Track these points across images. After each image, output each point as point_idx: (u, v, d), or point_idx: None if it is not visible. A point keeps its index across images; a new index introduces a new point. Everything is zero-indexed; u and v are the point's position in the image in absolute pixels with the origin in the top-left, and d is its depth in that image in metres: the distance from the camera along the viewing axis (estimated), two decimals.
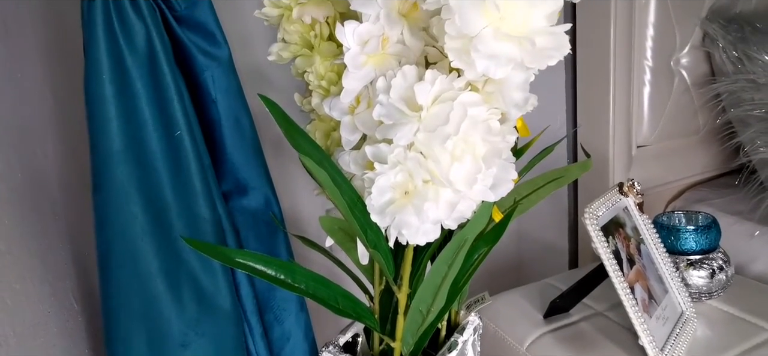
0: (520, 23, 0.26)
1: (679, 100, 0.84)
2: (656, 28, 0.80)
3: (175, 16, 0.41)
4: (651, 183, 0.87)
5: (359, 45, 0.36)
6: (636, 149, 0.86)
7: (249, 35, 0.54)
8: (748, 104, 0.75)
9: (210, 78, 0.42)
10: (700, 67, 0.84)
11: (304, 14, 0.41)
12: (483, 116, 0.30)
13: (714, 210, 0.83)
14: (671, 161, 0.88)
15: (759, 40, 0.75)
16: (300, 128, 0.35)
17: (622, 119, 0.83)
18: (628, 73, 0.81)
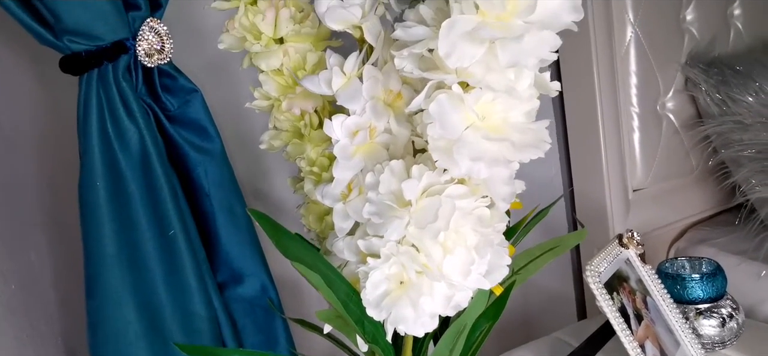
0: (500, 122, 0.26)
1: (669, 142, 0.85)
2: (638, 75, 0.82)
3: (167, 116, 0.42)
4: (652, 226, 0.87)
5: (348, 137, 0.36)
6: (632, 193, 0.86)
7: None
8: (738, 145, 0.76)
9: (203, 173, 0.43)
10: (687, 109, 0.85)
11: (294, 106, 0.42)
12: (472, 207, 0.30)
13: (717, 250, 0.82)
14: (669, 203, 0.88)
15: (740, 82, 0.77)
16: (288, 232, 0.35)
17: (616, 165, 0.84)
18: (616, 120, 0.82)
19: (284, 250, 0.33)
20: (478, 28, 0.23)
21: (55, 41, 0.36)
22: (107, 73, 0.38)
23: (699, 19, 0.84)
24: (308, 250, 0.35)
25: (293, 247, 0.34)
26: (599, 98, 0.81)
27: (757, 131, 0.74)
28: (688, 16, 0.85)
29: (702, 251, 0.85)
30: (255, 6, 0.41)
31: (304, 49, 0.42)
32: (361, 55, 0.37)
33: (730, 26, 0.88)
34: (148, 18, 0.39)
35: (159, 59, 0.41)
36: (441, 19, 0.27)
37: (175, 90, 0.43)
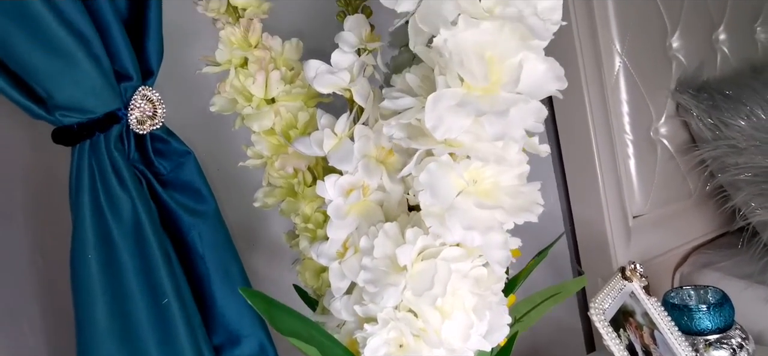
0: (491, 186, 0.26)
1: (665, 168, 0.85)
2: (630, 103, 0.83)
3: (160, 181, 0.42)
4: (654, 252, 0.86)
5: (341, 196, 0.36)
6: (632, 219, 0.85)
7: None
8: (735, 169, 0.76)
9: (197, 236, 0.42)
10: (680, 135, 0.86)
11: (287, 165, 0.42)
12: (468, 269, 0.29)
13: (722, 275, 0.80)
14: (670, 228, 0.87)
15: (731, 107, 0.77)
16: (283, 306, 0.34)
17: (614, 192, 0.83)
18: (611, 148, 0.83)
19: (279, 327, 0.32)
20: (463, 103, 0.23)
21: (47, 116, 0.37)
22: (99, 144, 0.38)
23: (685, 45, 0.86)
24: (303, 322, 0.34)
25: (288, 322, 0.33)
26: (592, 127, 0.82)
27: (752, 154, 0.74)
28: (675, 43, 0.86)
29: (707, 276, 0.84)
30: (245, 68, 0.42)
31: (295, 108, 0.42)
32: (352, 114, 0.37)
33: (717, 51, 0.89)
34: (140, 87, 0.39)
35: (151, 125, 0.41)
36: (427, 87, 0.27)
37: (167, 154, 0.43)
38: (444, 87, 0.24)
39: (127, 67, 0.38)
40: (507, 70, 0.23)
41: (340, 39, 0.35)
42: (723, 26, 0.89)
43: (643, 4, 0.83)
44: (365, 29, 0.36)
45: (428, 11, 0.24)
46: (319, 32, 0.47)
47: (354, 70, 0.35)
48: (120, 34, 0.36)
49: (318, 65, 0.35)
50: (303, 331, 0.33)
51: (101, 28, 0.35)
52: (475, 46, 0.23)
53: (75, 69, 0.33)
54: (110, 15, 0.35)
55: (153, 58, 0.40)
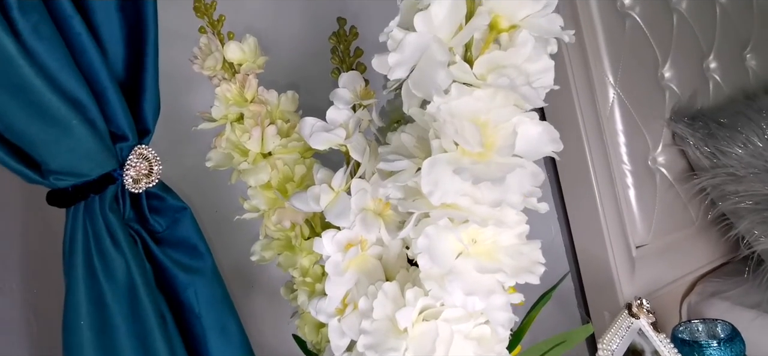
0: (491, 246, 0.26)
1: (665, 196, 0.85)
2: (626, 134, 0.83)
3: (155, 239, 0.41)
4: (660, 282, 0.85)
5: (339, 252, 0.36)
6: (635, 249, 0.84)
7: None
8: (735, 197, 0.75)
9: (193, 294, 0.42)
10: (678, 163, 0.86)
11: (284, 219, 0.42)
12: (470, 330, 0.29)
13: (731, 305, 0.79)
14: (674, 257, 0.86)
15: (727, 135, 0.78)
16: None
17: (615, 223, 0.83)
18: (609, 179, 0.83)
19: None
20: (459, 169, 0.22)
21: (42, 181, 0.36)
22: (94, 206, 0.38)
23: (677, 75, 0.87)
24: None
25: None
26: (590, 159, 0.82)
27: (751, 182, 0.74)
28: (666, 73, 0.87)
29: (715, 306, 0.82)
30: (241, 122, 0.42)
31: (291, 160, 0.42)
32: (349, 168, 0.37)
33: (709, 79, 0.90)
34: (136, 146, 0.39)
35: (147, 183, 0.41)
36: (422, 147, 0.27)
37: (163, 210, 0.42)
38: (439, 151, 0.24)
39: (123, 128, 0.38)
40: (502, 136, 0.23)
41: (335, 96, 0.35)
42: (713, 54, 0.91)
43: (633, 36, 0.84)
44: (360, 85, 0.36)
45: (421, 78, 0.24)
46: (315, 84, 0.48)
47: (350, 126, 0.35)
48: (116, 97, 0.36)
49: (313, 123, 0.35)
50: None
51: (97, 92, 0.35)
52: (468, 113, 0.23)
53: (70, 136, 0.33)
54: (107, 80, 0.35)
55: (149, 117, 0.40)
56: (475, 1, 0.24)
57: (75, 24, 0.32)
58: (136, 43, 0.37)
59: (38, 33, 0.29)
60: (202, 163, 0.47)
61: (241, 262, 0.59)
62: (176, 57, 0.44)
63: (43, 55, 0.30)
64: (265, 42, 0.46)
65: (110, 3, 0.35)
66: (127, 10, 0.36)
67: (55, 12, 0.31)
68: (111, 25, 0.35)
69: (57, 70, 0.31)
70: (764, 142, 0.75)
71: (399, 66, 0.24)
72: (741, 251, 0.78)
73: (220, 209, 0.58)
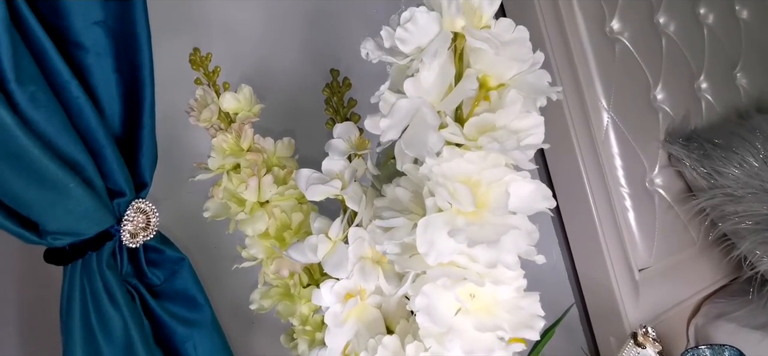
0: (490, 301, 0.26)
1: (665, 218, 0.85)
2: (622, 157, 0.84)
3: (153, 293, 0.41)
4: (665, 305, 0.84)
5: (338, 302, 0.35)
6: (638, 273, 0.84)
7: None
8: (735, 217, 0.75)
9: (192, 347, 0.41)
10: (676, 184, 0.86)
11: (282, 268, 0.42)
12: None
13: (737, 327, 0.78)
14: (678, 278, 0.85)
15: (723, 156, 0.78)
16: None
17: (616, 247, 0.82)
18: (608, 202, 0.83)
19: None
20: (454, 231, 0.23)
21: (39, 241, 0.36)
22: (91, 263, 0.38)
23: (669, 96, 0.88)
24: None
25: None
26: (588, 184, 0.82)
27: (750, 202, 0.74)
28: (659, 95, 0.88)
29: (721, 328, 0.81)
30: (237, 171, 0.42)
31: (289, 208, 0.42)
32: (345, 217, 0.37)
33: (701, 99, 0.91)
34: (134, 201, 0.40)
35: (144, 237, 0.41)
36: (418, 203, 0.27)
37: (161, 263, 0.42)
38: (434, 209, 0.24)
39: (120, 184, 0.38)
40: (495, 195, 0.23)
41: (330, 147, 0.36)
42: (703, 75, 0.92)
43: (623, 61, 0.85)
44: (354, 135, 0.36)
45: (413, 139, 0.24)
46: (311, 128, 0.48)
47: (345, 177, 0.35)
48: (113, 155, 0.37)
49: (309, 174, 0.35)
50: None
51: (95, 151, 0.36)
52: (460, 174, 0.23)
53: (68, 199, 0.33)
54: (104, 139, 0.36)
55: (146, 171, 0.40)
56: (463, 63, 0.24)
57: (73, 88, 0.33)
58: (133, 100, 0.38)
59: (36, 102, 0.30)
60: (200, 202, 0.47)
61: (240, 305, 0.59)
62: (175, 99, 0.45)
63: (41, 122, 0.30)
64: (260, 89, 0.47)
65: (107, 65, 0.35)
66: (124, 70, 0.36)
67: (52, 78, 0.32)
68: (108, 86, 0.36)
69: (54, 135, 0.32)
70: (760, 161, 0.76)
71: (391, 129, 0.25)
72: (744, 272, 0.77)
73: (220, 248, 0.58)
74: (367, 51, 0.25)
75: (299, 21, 0.67)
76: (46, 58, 0.31)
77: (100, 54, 0.34)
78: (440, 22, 0.23)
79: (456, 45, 0.24)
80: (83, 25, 0.32)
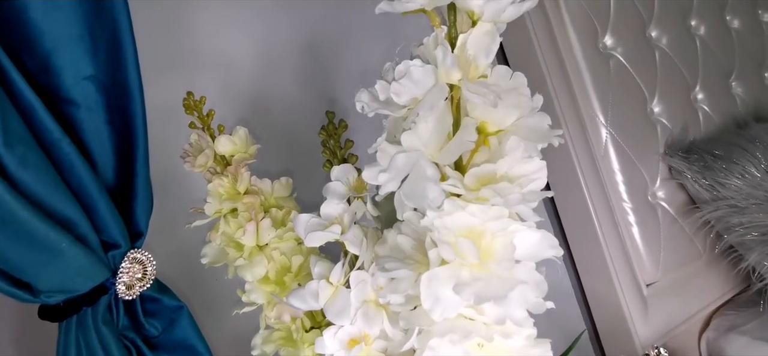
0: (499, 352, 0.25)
1: (670, 231, 0.84)
2: (622, 172, 0.83)
3: (151, 345, 0.40)
4: (675, 320, 0.82)
5: (342, 350, 0.34)
6: (646, 288, 0.83)
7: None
8: (740, 228, 0.74)
9: None
10: (678, 196, 0.85)
11: (283, 314, 0.41)
12: None
13: (749, 340, 0.76)
14: (686, 292, 0.84)
15: (724, 167, 0.78)
16: None
17: (622, 263, 0.81)
18: (611, 218, 0.82)
19: None
20: (459, 288, 0.22)
21: (32, 299, 0.35)
22: (86, 319, 0.36)
23: (666, 109, 0.88)
24: None
25: None
26: (590, 201, 0.81)
27: (754, 213, 0.73)
28: (656, 108, 0.88)
29: (733, 342, 0.80)
30: (235, 215, 0.42)
31: (288, 249, 0.41)
32: (346, 260, 0.36)
33: (698, 110, 0.91)
34: (129, 251, 0.39)
35: (141, 287, 0.40)
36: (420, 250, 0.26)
37: (158, 313, 0.41)
38: (437, 261, 0.24)
39: (115, 237, 0.37)
40: (500, 246, 0.22)
41: (328, 191, 0.35)
42: (699, 86, 0.92)
43: (619, 76, 0.86)
44: (352, 176, 0.36)
45: (412, 191, 0.24)
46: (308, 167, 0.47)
47: (345, 221, 0.34)
48: (107, 208, 0.36)
49: (307, 220, 0.34)
50: None
51: (88, 206, 0.35)
52: (463, 228, 0.22)
53: (61, 258, 0.32)
54: (97, 193, 0.35)
55: (141, 220, 0.39)
56: (461, 111, 0.24)
57: (64, 146, 0.32)
58: (126, 150, 0.37)
59: (25, 163, 0.29)
60: (196, 239, 0.46)
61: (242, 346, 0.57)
62: (170, 134, 0.44)
63: (31, 183, 0.30)
64: (255, 126, 0.46)
65: (99, 118, 0.35)
66: (117, 121, 0.36)
67: (42, 136, 0.31)
68: (100, 138, 0.35)
69: (45, 194, 0.31)
70: (762, 171, 0.75)
71: (390, 182, 0.24)
72: (754, 283, 0.76)
73: (220, 279, 0.56)
74: (362, 104, 0.24)
75: (293, 56, 0.68)
76: (35, 117, 0.31)
77: (92, 108, 0.34)
78: (435, 74, 0.22)
79: (453, 95, 0.23)
80: (73, 81, 0.32)
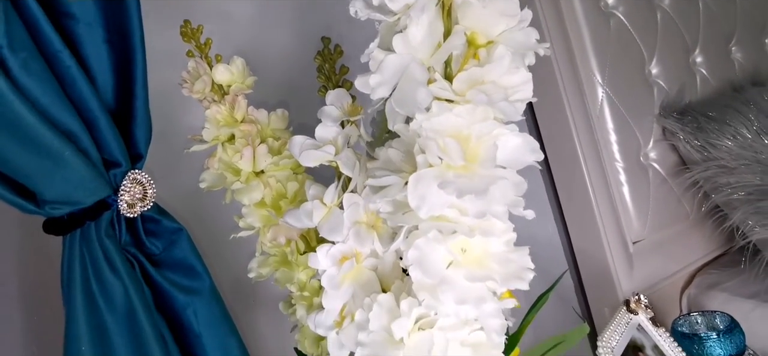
0: (482, 253, 0.26)
1: (659, 191, 0.86)
2: (616, 131, 0.84)
3: (153, 262, 0.42)
4: (659, 276, 0.85)
5: (334, 266, 0.36)
6: (632, 245, 0.85)
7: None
8: (728, 188, 0.76)
9: (192, 314, 0.42)
10: (670, 157, 0.87)
11: (279, 236, 0.42)
12: (465, 337, 0.29)
13: (729, 296, 0.79)
14: (671, 251, 0.87)
15: (716, 128, 0.79)
16: None
17: (611, 220, 0.83)
18: (603, 176, 0.83)
19: None
20: (443, 183, 0.23)
21: (37, 211, 0.37)
22: (90, 232, 0.38)
23: (664, 71, 0.88)
24: None
25: None
26: (583, 159, 0.82)
27: (742, 173, 0.75)
28: (653, 69, 0.88)
29: (714, 298, 0.83)
30: (232, 142, 0.43)
31: (284, 178, 0.43)
32: (340, 183, 0.37)
33: (696, 73, 0.91)
34: (129, 171, 0.40)
35: (142, 207, 0.41)
36: (410, 162, 0.28)
37: (159, 233, 0.43)
38: (424, 165, 0.25)
39: (115, 155, 0.39)
40: (483, 149, 0.24)
41: (323, 113, 0.36)
42: (698, 49, 0.92)
43: (618, 35, 0.85)
44: (346, 101, 0.37)
45: (403, 97, 0.25)
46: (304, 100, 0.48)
47: (339, 143, 0.35)
48: (108, 126, 0.37)
49: (302, 141, 0.35)
50: None
51: (89, 122, 0.36)
52: (450, 129, 0.23)
53: (64, 167, 0.33)
54: (98, 109, 0.36)
55: (141, 143, 0.41)
56: (451, 19, 0.24)
57: (64, 58, 0.33)
58: (125, 72, 0.38)
59: (28, 69, 0.30)
60: (196, 180, 0.47)
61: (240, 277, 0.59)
62: (170, 77, 0.45)
63: (34, 90, 0.31)
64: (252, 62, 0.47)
65: (98, 35, 0.35)
66: (115, 41, 0.36)
67: (44, 47, 0.32)
68: (99, 56, 0.36)
69: (48, 104, 0.32)
70: (753, 133, 0.76)
71: (380, 86, 0.25)
72: (737, 242, 0.78)
73: (217, 225, 0.58)
74: (355, 9, 0.25)
75: None
76: (37, 27, 0.32)
77: (91, 24, 0.34)
78: None
79: (444, 2, 0.24)
80: None
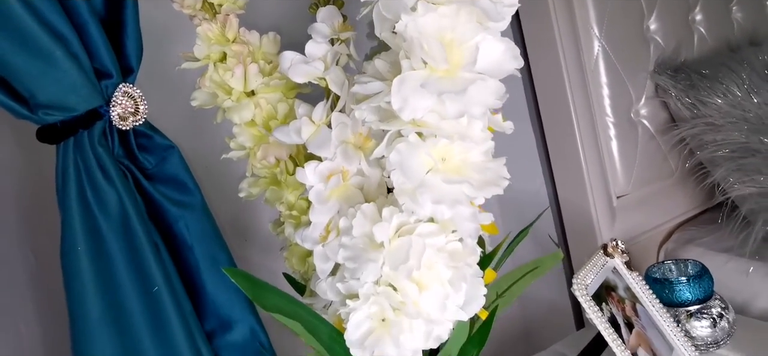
0: (460, 163, 0.28)
1: (646, 148, 0.87)
2: (610, 86, 0.85)
3: (146, 175, 0.43)
4: (639, 230, 0.88)
5: (322, 182, 0.38)
6: (616, 199, 0.87)
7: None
8: (713, 146, 0.78)
9: (184, 227, 0.43)
10: (660, 115, 0.87)
11: (269, 155, 0.43)
12: (443, 244, 0.31)
13: (704, 250, 0.83)
14: (653, 206, 0.89)
15: (708, 86, 0.79)
16: (266, 284, 0.35)
17: (597, 174, 0.85)
18: (593, 130, 0.84)
19: (262, 303, 0.34)
20: (425, 83, 0.24)
21: (30, 115, 0.37)
22: (83, 141, 0.39)
23: (662, 27, 0.87)
24: (287, 299, 0.36)
25: (271, 299, 0.34)
26: (574, 111, 0.83)
27: (728, 131, 0.76)
28: (652, 25, 0.88)
29: (690, 251, 0.86)
30: (224, 62, 0.43)
31: (274, 99, 0.43)
32: (329, 102, 0.38)
33: (694, 31, 0.91)
34: (121, 84, 0.40)
35: (134, 121, 0.42)
36: (396, 72, 0.28)
37: (151, 148, 0.44)
38: (409, 70, 0.26)
39: (106, 65, 0.39)
40: (465, 52, 0.24)
41: (313, 30, 0.36)
42: (699, 7, 0.91)
43: None
44: (337, 20, 0.37)
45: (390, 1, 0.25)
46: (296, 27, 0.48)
47: (328, 59, 0.36)
48: (98, 33, 0.37)
49: (292, 56, 0.36)
50: (287, 307, 0.34)
51: (79, 27, 0.36)
52: (434, 30, 0.24)
53: (55, 68, 0.34)
54: (87, 14, 0.36)
55: (132, 56, 0.41)
56: None
57: None
58: None
59: None
60: (190, 121, 0.48)
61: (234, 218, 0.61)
62: (163, 8, 0.45)
63: None
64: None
65: None
66: None
67: None
68: None
69: (39, 3, 0.32)
70: (743, 92, 0.77)
71: None
72: (716, 198, 0.81)
73: (210, 161, 0.59)
74: None
75: None
76: None
77: None
78: None
79: None
80: None
